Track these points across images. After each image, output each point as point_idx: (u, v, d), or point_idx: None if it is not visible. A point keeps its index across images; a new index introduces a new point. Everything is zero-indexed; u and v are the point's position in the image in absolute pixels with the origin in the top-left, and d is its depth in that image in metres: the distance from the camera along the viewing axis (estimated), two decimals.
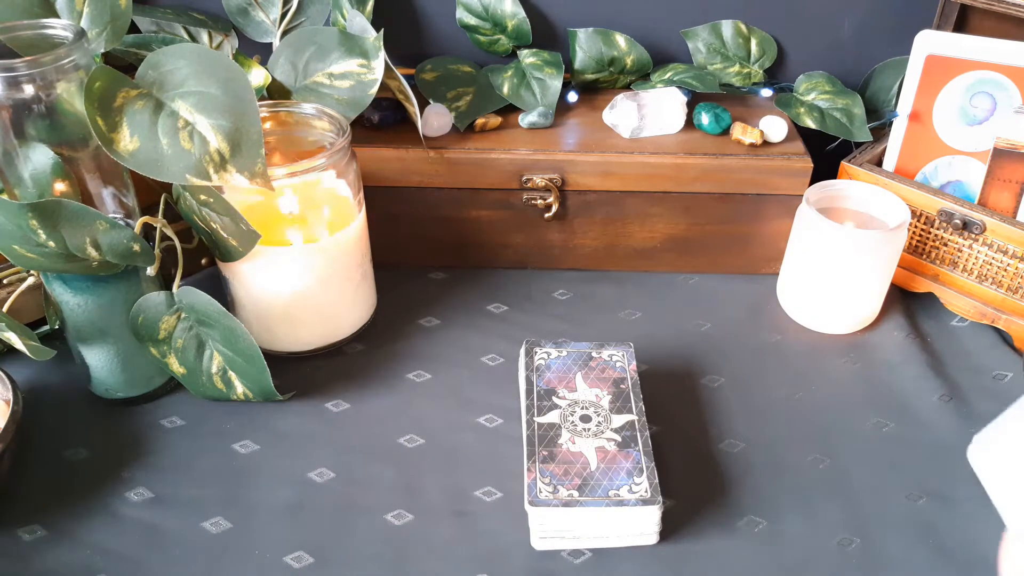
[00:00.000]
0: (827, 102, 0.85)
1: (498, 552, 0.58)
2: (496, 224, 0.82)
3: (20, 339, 0.58)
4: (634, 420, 0.62)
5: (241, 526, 0.59)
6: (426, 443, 0.66)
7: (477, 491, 0.62)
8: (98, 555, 0.57)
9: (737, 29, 0.88)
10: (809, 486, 0.63)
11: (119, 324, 0.64)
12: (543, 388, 0.64)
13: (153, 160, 0.56)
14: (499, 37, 0.88)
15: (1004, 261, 0.74)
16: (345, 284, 0.72)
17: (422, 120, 0.77)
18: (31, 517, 0.59)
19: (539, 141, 0.80)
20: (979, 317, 0.78)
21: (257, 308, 0.70)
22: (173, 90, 0.57)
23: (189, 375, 0.66)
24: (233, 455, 0.65)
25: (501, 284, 0.84)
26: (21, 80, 0.55)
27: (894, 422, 0.69)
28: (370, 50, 0.73)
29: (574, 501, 0.55)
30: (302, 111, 0.70)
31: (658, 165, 0.78)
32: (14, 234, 0.55)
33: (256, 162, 0.57)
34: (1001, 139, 0.73)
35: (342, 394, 0.70)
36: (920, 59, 0.77)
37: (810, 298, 0.78)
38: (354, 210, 0.70)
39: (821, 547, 0.59)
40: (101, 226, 0.57)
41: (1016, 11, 0.77)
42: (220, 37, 0.83)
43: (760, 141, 0.80)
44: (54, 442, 0.65)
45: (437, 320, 0.79)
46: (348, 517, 0.60)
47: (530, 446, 0.60)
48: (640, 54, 0.88)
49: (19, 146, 0.57)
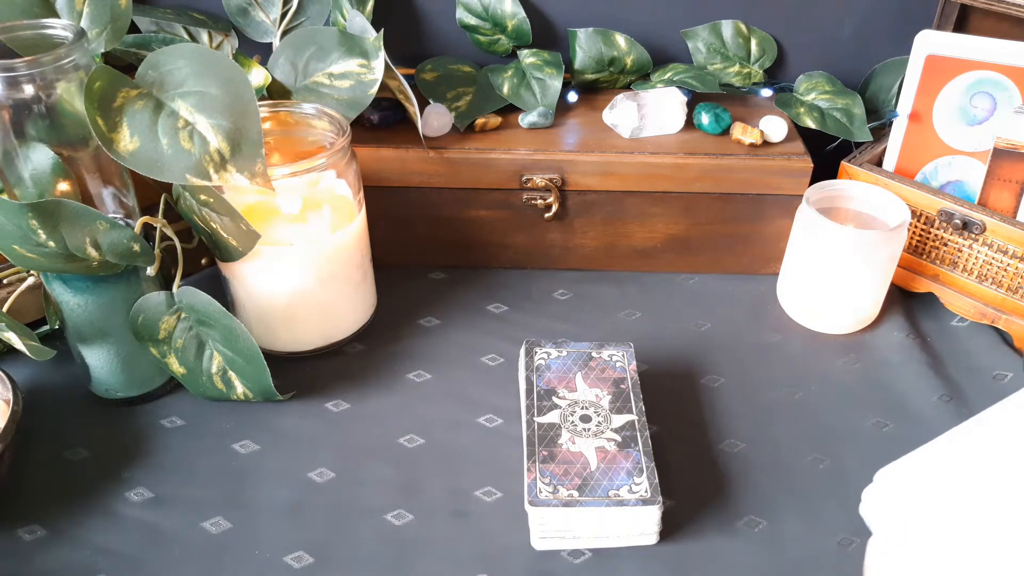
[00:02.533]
0: (827, 102, 0.85)
1: (498, 552, 0.58)
2: (496, 224, 0.82)
3: (20, 339, 0.58)
4: (634, 420, 0.62)
5: (241, 526, 0.59)
6: (426, 443, 0.66)
7: (477, 491, 0.62)
8: (98, 555, 0.57)
9: (737, 29, 0.88)
10: (809, 486, 0.63)
11: (119, 324, 0.64)
12: (543, 388, 0.64)
13: (153, 160, 0.56)
14: (499, 37, 0.88)
15: (1004, 261, 0.74)
16: (345, 284, 0.72)
17: (422, 120, 0.77)
18: (31, 517, 0.59)
19: (539, 141, 0.80)
20: (979, 317, 0.78)
21: (257, 308, 0.70)
22: (173, 90, 0.57)
23: (189, 375, 0.66)
24: (233, 455, 0.65)
25: (501, 284, 0.84)
26: (21, 80, 0.55)
27: (894, 422, 0.69)
28: (370, 50, 0.73)
29: (574, 501, 0.55)
30: (302, 111, 0.70)
31: (658, 165, 0.78)
32: (14, 234, 0.55)
33: (256, 162, 0.57)
34: (1001, 139, 0.73)
35: (342, 394, 0.70)
36: (920, 59, 0.77)
37: (810, 298, 0.78)
38: (354, 210, 0.71)
39: (821, 547, 0.59)
40: (101, 226, 0.57)
41: (1016, 11, 0.77)
42: (220, 37, 0.83)
43: (760, 141, 0.80)
44: (54, 442, 0.65)
45: (437, 320, 0.79)
46: (348, 517, 0.60)
47: (530, 446, 0.60)
48: (640, 54, 0.88)
49: (19, 146, 0.57)
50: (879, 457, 0.66)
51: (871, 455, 0.66)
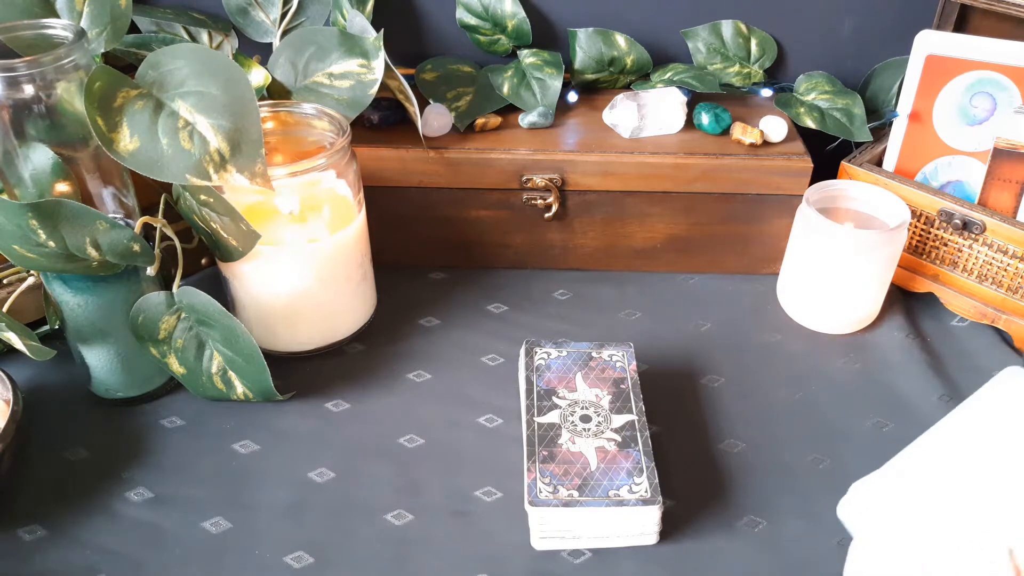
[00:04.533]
0: (827, 102, 0.85)
1: (498, 552, 0.58)
2: (496, 224, 0.82)
3: (20, 339, 0.58)
4: (634, 420, 0.62)
5: (241, 526, 0.59)
6: (426, 443, 0.66)
7: (477, 491, 0.62)
8: (98, 555, 0.57)
9: (737, 29, 0.88)
10: (809, 486, 0.63)
11: (119, 324, 0.64)
12: (543, 388, 0.64)
13: (153, 160, 0.56)
14: (499, 37, 0.88)
15: (1004, 261, 0.74)
16: (345, 284, 0.72)
17: (422, 120, 0.77)
18: (31, 517, 0.59)
19: (539, 141, 0.80)
20: (979, 317, 0.78)
21: (257, 308, 0.70)
22: (173, 90, 0.57)
23: (189, 375, 0.66)
24: (233, 455, 0.65)
25: (501, 284, 0.84)
26: (21, 80, 0.55)
27: (894, 422, 0.69)
28: (370, 50, 0.73)
29: (574, 501, 0.55)
30: (302, 111, 0.70)
31: (658, 165, 0.78)
32: (14, 234, 0.55)
33: (256, 162, 0.57)
34: (1001, 139, 0.73)
35: (342, 394, 0.70)
36: (920, 59, 0.77)
37: (810, 298, 0.78)
38: (354, 210, 0.71)
39: (821, 547, 0.59)
40: (101, 226, 0.57)
41: (1016, 11, 0.77)
42: (220, 37, 0.83)
43: (760, 141, 0.80)
44: (54, 442, 0.65)
45: (437, 320, 0.79)
46: (348, 517, 0.60)
47: (530, 446, 0.60)
48: (640, 54, 0.88)
49: (19, 146, 0.57)
50: (879, 457, 0.66)
51: (871, 455, 0.66)
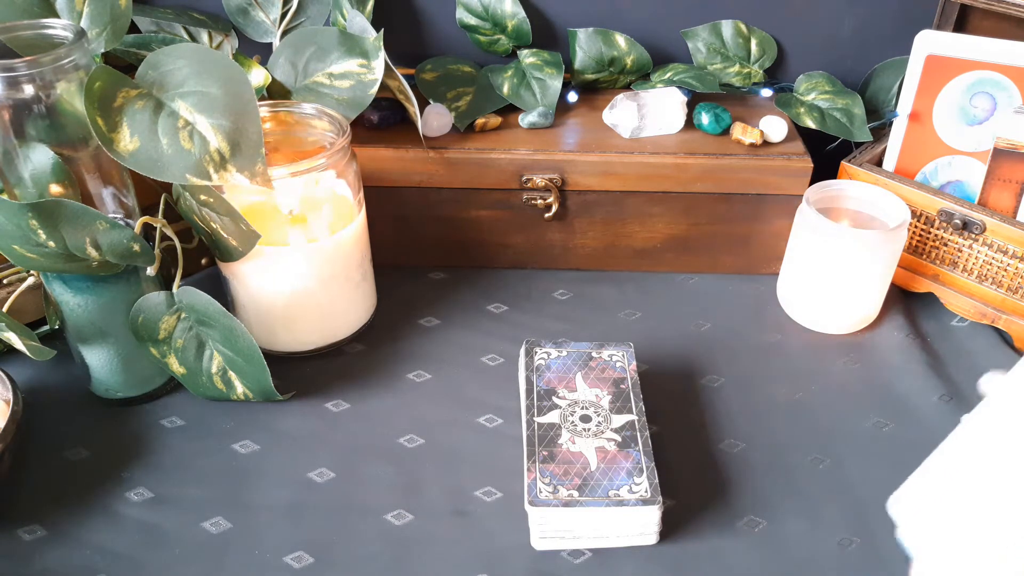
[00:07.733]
0: (827, 102, 0.85)
1: (498, 552, 0.58)
2: (496, 224, 0.82)
3: (20, 339, 0.58)
4: (634, 420, 0.62)
5: (241, 526, 0.59)
6: (426, 443, 0.66)
7: (477, 491, 0.62)
8: (98, 555, 0.57)
9: (737, 29, 0.88)
10: (809, 486, 0.63)
11: (119, 324, 0.64)
12: (543, 388, 0.64)
13: (153, 160, 0.56)
14: (499, 37, 0.88)
15: (1004, 261, 0.74)
16: (345, 284, 0.72)
17: (422, 120, 0.77)
18: (31, 517, 0.59)
19: (539, 141, 0.80)
20: (979, 317, 0.78)
21: (257, 308, 0.70)
22: (173, 90, 0.57)
23: (189, 375, 0.66)
24: (233, 455, 0.65)
25: (501, 284, 0.84)
26: (21, 80, 0.55)
27: (894, 422, 0.69)
28: (370, 50, 0.73)
29: (574, 501, 0.55)
30: (302, 111, 0.70)
31: (658, 165, 0.78)
32: (14, 234, 0.55)
33: (256, 162, 0.57)
34: (1001, 139, 0.73)
35: (342, 394, 0.70)
36: (920, 59, 0.77)
37: (810, 298, 0.78)
38: (354, 210, 0.71)
39: (821, 547, 0.59)
40: (101, 226, 0.57)
41: (1016, 11, 0.77)
42: (220, 37, 0.83)
43: (760, 141, 0.80)
44: (54, 442, 0.65)
45: (437, 320, 0.79)
46: (348, 517, 0.60)
47: (530, 446, 0.60)
48: (640, 54, 0.88)
49: (19, 146, 0.57)
50: (879, 457, 0.66)
51: (871, 455, 0.66)
